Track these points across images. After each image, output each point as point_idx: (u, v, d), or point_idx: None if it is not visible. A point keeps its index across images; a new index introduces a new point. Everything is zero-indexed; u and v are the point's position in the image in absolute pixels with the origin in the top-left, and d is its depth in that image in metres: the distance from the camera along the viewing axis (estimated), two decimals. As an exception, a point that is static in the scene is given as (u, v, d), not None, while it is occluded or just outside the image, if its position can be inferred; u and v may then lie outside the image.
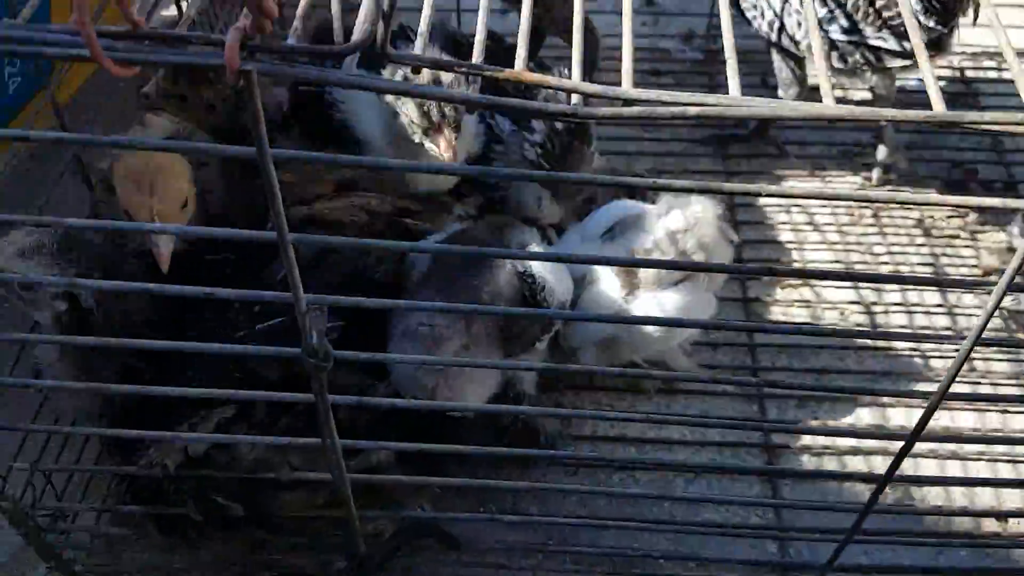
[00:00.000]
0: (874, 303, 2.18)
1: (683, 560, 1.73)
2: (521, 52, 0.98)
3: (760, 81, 2.60)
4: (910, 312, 2.16)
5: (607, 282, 1.73)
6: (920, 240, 2.31)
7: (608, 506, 1.82)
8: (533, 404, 1.81)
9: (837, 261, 2.26)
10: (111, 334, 1.33)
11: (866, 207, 2.36)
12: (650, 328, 1.72)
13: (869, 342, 2.10)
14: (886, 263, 2.26)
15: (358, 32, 0.90)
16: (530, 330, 1.64)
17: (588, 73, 2.16)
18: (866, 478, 1.70)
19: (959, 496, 1.83)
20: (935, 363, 2.05)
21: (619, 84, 0.94)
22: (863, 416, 1.98)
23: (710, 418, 1.91)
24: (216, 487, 1.38)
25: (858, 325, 2.13)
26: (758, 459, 1.91)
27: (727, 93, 0.91)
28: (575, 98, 0.96)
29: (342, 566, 1.67)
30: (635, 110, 0.92)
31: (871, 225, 2.34)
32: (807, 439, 1.93)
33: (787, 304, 2.17)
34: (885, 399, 1.99)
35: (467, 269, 1.57)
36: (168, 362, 1.41)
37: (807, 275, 1.67)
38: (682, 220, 1.74)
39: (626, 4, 1.07)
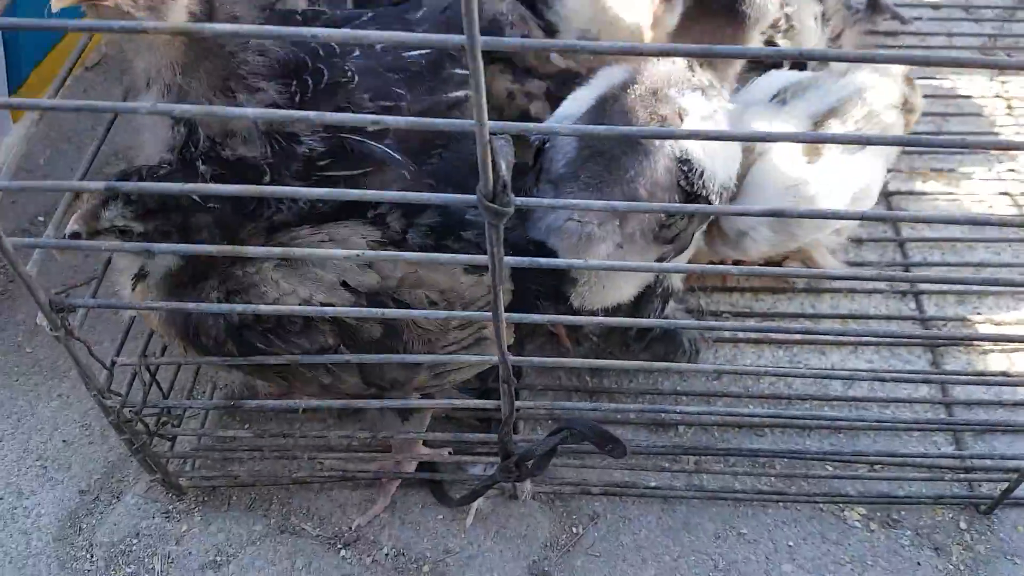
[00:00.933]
0: (1021, 194, 1.98)
1: (852, 462, 1.55)
2: None
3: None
4: (1063, 202, 1.98)
5: (783, 149, 1.49)
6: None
7: (762, 411, 1.64)
8: (680, 301, 1.62)
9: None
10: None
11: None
12: (834, 198, 1.50)
13: (1026, 234, 1.91)
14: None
15: None
16: (688, 228, 1.43)
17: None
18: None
19: None
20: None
21: None
22: (1031, 308, 1.79)
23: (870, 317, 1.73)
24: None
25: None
26: (921, 359, 1.72)
27: None
28: None
29: (480, 472, 1.50)
30: None
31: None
32: (974, 332, 1.75)
33: (932, 197, 1.98)
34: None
35: (618, 155, 1.36)
36: None
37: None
38: (869, 77, 1.54)
39: None
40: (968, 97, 2.16)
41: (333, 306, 1.18)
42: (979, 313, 1.78)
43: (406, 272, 1.20)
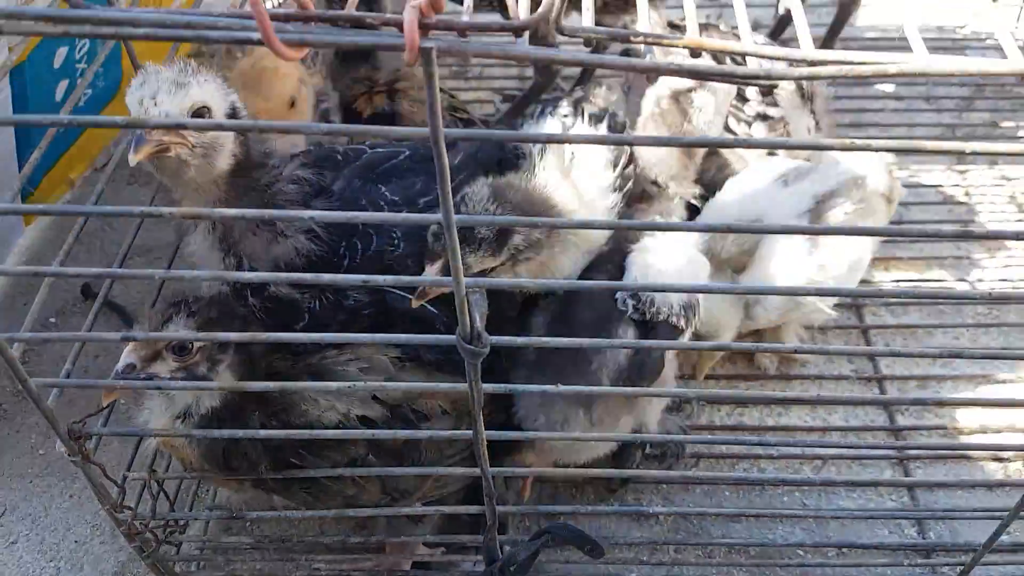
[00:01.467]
0: (979, 280, 2.11)
1: (822, 547, 1.64)
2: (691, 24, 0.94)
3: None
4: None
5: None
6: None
7: (735, 498, 1.74)
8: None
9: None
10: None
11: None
12: (832, 269, 1.68)
13: (983, 319, 2.05)
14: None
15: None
16: (657, 367, 1.46)
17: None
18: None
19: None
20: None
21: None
22: (986, 392, 1.91)
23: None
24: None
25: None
26: (886, 442, 1.83)
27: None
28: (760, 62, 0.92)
29: (470, 568, 1.59)
30: (830, 70, 0.86)
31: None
32: (935, 420, 1.86)
33: (895, 285, 2.10)
34: (1004, 375, 1.93)
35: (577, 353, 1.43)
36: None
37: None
38: (863, 167, 1.73)
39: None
40: (929, 186, 2.30)
41: (367, 418, 1.29)
42: (938, 392, 1.90)
43: None
